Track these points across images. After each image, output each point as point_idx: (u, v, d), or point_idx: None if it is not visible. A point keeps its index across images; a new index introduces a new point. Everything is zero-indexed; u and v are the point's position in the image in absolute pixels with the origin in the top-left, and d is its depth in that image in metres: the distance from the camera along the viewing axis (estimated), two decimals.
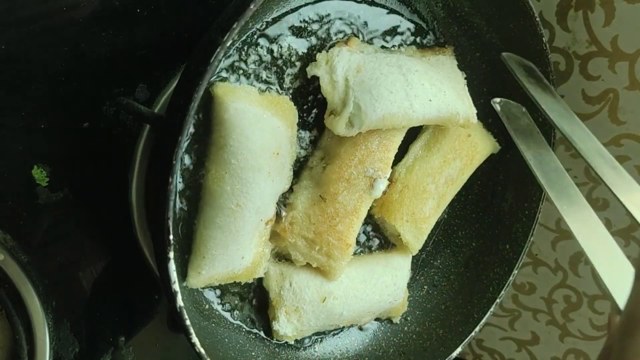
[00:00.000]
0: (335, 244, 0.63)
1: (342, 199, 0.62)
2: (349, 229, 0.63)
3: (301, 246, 0.63)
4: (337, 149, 0.62)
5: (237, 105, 0.53)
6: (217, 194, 0.54)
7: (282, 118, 0.56)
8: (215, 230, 0.55)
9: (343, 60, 0.59)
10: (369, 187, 0.63)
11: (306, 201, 0.62)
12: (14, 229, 0.59)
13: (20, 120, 0.57)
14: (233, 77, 0.57)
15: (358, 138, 0.61)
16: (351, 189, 0.62)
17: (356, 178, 0.62)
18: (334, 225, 0.62)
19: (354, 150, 0.62)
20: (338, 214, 0.62)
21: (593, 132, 0.78)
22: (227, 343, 0.61)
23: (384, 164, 0.64)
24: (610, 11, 0.70)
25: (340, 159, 0.62)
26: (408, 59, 0.63)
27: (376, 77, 0.59)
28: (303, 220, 0.62)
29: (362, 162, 0.62)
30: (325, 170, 0.62)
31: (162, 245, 0.48)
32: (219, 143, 0.54)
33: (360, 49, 0.62)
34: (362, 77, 0.59)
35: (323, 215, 0.62)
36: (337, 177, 0.61)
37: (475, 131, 0.72)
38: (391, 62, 0.61)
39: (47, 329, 0.61)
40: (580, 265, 0.88)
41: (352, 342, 0.73)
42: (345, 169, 0.62)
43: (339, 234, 0.63)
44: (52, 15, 0.55)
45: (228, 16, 0.48)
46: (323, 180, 0.62)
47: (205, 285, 0.59)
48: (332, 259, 0.63)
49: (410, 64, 0.62)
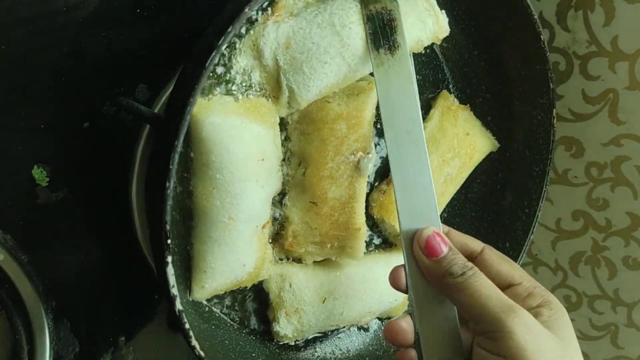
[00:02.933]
0: (344, 234, 0.62)
1: (332, 195, 0.61)
2: (352, 216, 0.62)
3: (313, 251, 0.63)
4: (308, 149, 0.60)
5: (213, 120, 0.51)
6: (208, 209, 0.53)
7: (262, 122, 0.55)
8: (212, 245, 0.55)
9: (270, 38, 0.53)
10: (355, 171, 0.61)
11: (300, 211, 0.61)
12: (14, 229, 0.59)
13: (20, 120, 0.57)
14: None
15: (323, 131, 0.59)
16: (338, 182, 0.61)
17: (337, 170, 0.60)
18: (335, 220, 0.62)
19: (324, 145, 0.59)
20: (335, 210, 0.61)
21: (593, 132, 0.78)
22: (227, 345, 0.61)
23: (362, 142, 0.60)
24: (610, 11, 0.70)
25: (314, 158, 0.60)
26: (342, 7, 0.56)
27: (307, 48, 0.54)
28: (304, 229, 0.62)
29: (338, 152, 0.59)
30: (305, 174, 0.60)
31: (160, 249, 0.48)
32: (202, 160, 0.52)
33: (290, 12, 0.55)
34: (293, 53, 0.54)
35: (320, 217, 0.61)
36: (318, 178, 0.60)
37: (474, 129, 0.72)
38: (323, 20, 0.54)
39: (47, 329, 0.61)
40: (580, 265, 0.88)
41: (353, 342, 0.73)
42: (323, 167, 0.60)
43: (344, 225, 0.62)
44: (52, 15, 0.55)
45: (223, 20, 0.48)
46: (307, 186, 0.60)
47: (211, 296, 0.59)
48: (347, 247, 0.63)
49: (345, 16, 0.55)
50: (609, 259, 0.84)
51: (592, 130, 0.78)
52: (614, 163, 0.78)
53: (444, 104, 0.71)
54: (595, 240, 0.85)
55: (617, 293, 0.86)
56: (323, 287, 0.65)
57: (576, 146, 0.81)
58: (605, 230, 0.83)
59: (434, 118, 0.71)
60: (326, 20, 0.54)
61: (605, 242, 0.84)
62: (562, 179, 0.84)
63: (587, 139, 0.80)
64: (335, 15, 0.55)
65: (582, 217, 0.85)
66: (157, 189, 0.47)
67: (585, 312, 0.91)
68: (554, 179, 0.85)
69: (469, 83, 0.73)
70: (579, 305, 0.91)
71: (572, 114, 0.79)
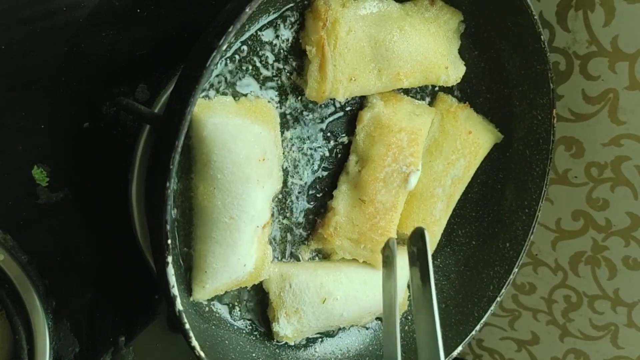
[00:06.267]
0: (379, 239, 0.66)
1: (380, 197, 0.65)
2: (389, 223, 0.66)
3: (347, 246, 0.66)
4: (369, 152, 0.64)
5: (215, 120, 0.51)
6: (209, 209, 0.54)
7: (263, 122, 0.55)
8: (213, 245, 0.55)
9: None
10: (404, 182, 0.66)
11: (347, 205, 0.65)
12: (14, 229, 0.59)
13: (20, 120, 0.57)
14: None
15: (389, 138, 0.63)
16: (387, 187, 0.65)
17: (391, 176, 0.65)
18: (376, 223, 0.66)
19: (386, 150, 0.64)
20: (378, 212, 0.65)
21: (593, 132, 0.78)
22: (227, 345, 0.61)
23: (415, 158, 0.66)
24: (610, 11, 0.70)
25: (374, 161, 0.64)
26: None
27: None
28: (346, 223, 0.65)
29: (395, 160, 0.65)
30: (361, 173, 0.65)
31: (160, 249, 0.47)
32: (203, 160, 0.53)
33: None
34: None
35: (364, 216, 0.65)
36: (373, 179, 0.64)
37: (476, 126, 0.72)
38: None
39: (47, 329, 0.61)
40: (580, 265, 0.88)
41: (353, 342, 0.73)
42: (380, 170, 0.64)
43: (381, 230, 0.66)
44: (52, 15, 0.55)
45: (223, 20, 0.48)
46: (360, 184, 0.65)
47: (212, 296, 0.59)
48: (376, 253, 0.67)
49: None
50: (609, 259, 0.84)
51: (592, 130, 0.78)
52: (614, 163, 0.78)
53: (443, 107, 0.71)
54: (595, 240, 0.85)
55: (617, 293, 0.86)
56: (323, 288, 0.65)
57: (576, 146, 0.81)
58: (605, 230, 0.83)
59: (434, 122, 0.71)
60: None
61: (605, 242, 0.84)
62: (562, 179, 0.84)
63: (587, 139, 0.80)
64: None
65: (582, 217, 0.85)
66: (157, 189, 0.47)
67: (585, 312, 0.91)
68: (554, 179, 0.85)
69: (469, 83, 0.73)
70: (579, 305, 0.91)
71: (572, 114, 0.79)
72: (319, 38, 0.57)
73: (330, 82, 0.58)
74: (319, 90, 0.58)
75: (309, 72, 0.58)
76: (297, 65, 0.60)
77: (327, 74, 0.57)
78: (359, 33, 0.59)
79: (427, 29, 0.64)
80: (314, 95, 0.59)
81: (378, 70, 0.61)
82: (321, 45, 0.57)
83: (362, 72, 0.60)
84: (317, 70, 0.58)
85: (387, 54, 0.61)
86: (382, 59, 0.61)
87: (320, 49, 0.57)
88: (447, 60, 0.66)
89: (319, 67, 0.57)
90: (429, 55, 0.64)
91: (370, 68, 0.61)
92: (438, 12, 0.65)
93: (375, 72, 0.61)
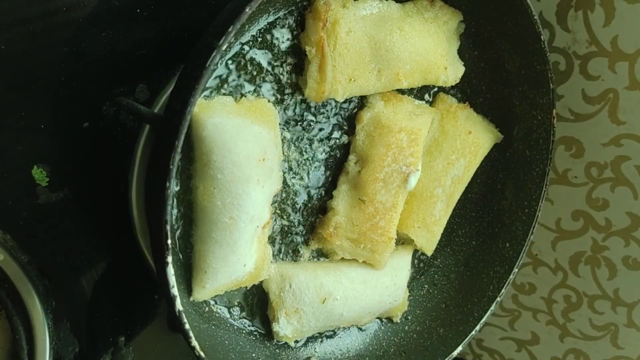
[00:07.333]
0: (378, 239, 0.66)
1: (380, 197, 0.65)
2: (389, 223, 0.66)
3: (347, 246, 0.66)
4: (369, 152, 0.64)
5: (215, 120, 0.51)
6: (209, 209, 0.54)
7: (263, 122, 0.55)
8: (213, 245, 0.55)
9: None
10: (404, 182, 0.66)
11: (347, 205, 0.65)
12: (14, 229, 0.59)
13: (20, 120, 0.57)
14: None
15: (389, 138, 0.63)
16: (387, 187, 0.65)
17: (391, 176, 0.65)
18: (376, 223, 0.66)
19: (386, 150, 0.64)
20: (378, 212, 0.65)
21: (593, 132, 0.78)
22: (227, 345, 0.61)
23: (415, 158, 0.66)
24: (610, 11, 0.70)
25: (374, 161, 0.64)
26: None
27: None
28: (346, 223, 0.65)
29: (395, 160, 0.65)
30: (361, 173, 0.65)
31: (160, 249, 0.47)
32: (203, 160, 0.53)
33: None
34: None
35: (364, 216, 0.65)
36: (373, 179, 0.64)
37: (476, 126, 0.72)
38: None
39: (47, 329, 0.61)
40: (580, 265, 0.88)
41: (353, 342, 0.73)
42: (379, 170, 0.64)
43: (381, 230, 0.66)
44: (52, 15, 0.55)
45: (223, 20, 0.48)
46: (360, 184, 0.64)
47: (212, 296, 0.59)
48: (376, 253, 0.67)
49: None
50: (609, 259, 0.84)
51: (592, 130, 0.78)
52: (614, 163, 0.78)
53: (443, 107, 0.71)
54: (595, 240, 0.85)
55: (617, 293, 0.86)
56: (323, 288, 0.65)
57: (576, 146, 0.81)
58: (605, 230, 0.83)
59: (434, 122, 0.71)
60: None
61: (605, 242, 0.84)
62: (562, 179, 0.84)
63: (587, 139, 0.80)
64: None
65: (582, 217, 0.85)
66: (157, 189, 0.47)
67: (585, 312, 0.91)
68: (554, 179, 0.85)
69: (469, 83, 0.73)
70: (579, 305, 0.91)
71: (572, 114, 0.79)
72: (318, 38, 0.57)
73: (330, 83, 0.58)
74: (319, 91, 0.58)
75: (309, 73, 0.58)
76: (296, 65, 0.60)
77: (327, 74, 0.57)
78: (358, 33, 0.59)
79: (426, 29, 0.64)
80: (313, 95, 0.59)
81: (378, 70, 0.61)
82: (321, 45, 0.57)
83: (362, 72, 0.60)
84: (316, 71, 0.58)
85: (386, 54, 0.61)
86: (382, 59, 0.61)
87: (320, 50, 0.57)
88: (447, 60, 0.66)
89: (319, 68, 0.58)
90: (429, 56, 0.64)
91: (369, 68, 0.61)
92: (438, 12, 0.65)
93: (375, 73, 0.61)
